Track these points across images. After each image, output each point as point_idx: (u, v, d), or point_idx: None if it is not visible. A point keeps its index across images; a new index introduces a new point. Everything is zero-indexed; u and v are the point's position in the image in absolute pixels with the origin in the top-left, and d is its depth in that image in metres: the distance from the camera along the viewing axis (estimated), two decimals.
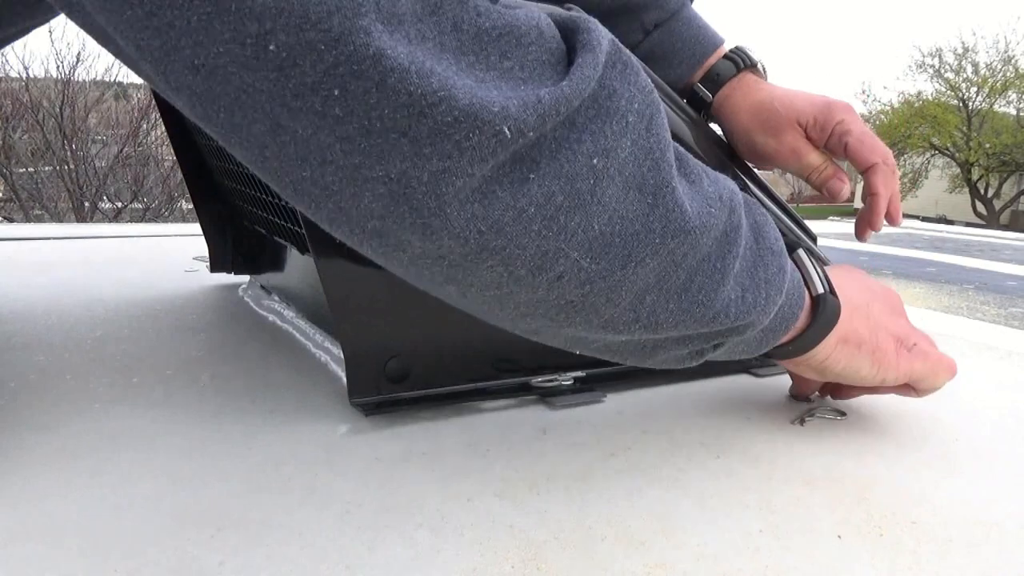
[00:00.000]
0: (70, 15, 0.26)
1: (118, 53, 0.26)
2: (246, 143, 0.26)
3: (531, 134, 0.27)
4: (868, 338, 0.47)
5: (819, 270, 0.45)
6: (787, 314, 0.42)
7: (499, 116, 0.26)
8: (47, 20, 0.45)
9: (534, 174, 0.28)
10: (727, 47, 0.66)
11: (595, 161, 0.29)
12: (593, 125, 0.29)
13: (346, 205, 0.27)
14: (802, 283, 0.44)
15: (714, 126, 0.66)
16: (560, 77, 0.28)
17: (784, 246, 0.41)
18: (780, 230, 0.43)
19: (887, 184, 0.60)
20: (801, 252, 0.45)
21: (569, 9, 0.51)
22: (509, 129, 0.26)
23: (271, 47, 0.23)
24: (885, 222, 0.62)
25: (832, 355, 0.46)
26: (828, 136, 0.60)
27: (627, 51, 0.31)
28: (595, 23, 0.31)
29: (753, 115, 0.62)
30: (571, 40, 0.30)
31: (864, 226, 0.62)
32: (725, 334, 0.39)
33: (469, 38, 0.26)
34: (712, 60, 0.64)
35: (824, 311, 0.44)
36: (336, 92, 0.24)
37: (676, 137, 0.54)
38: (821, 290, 0.44)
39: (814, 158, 0.62)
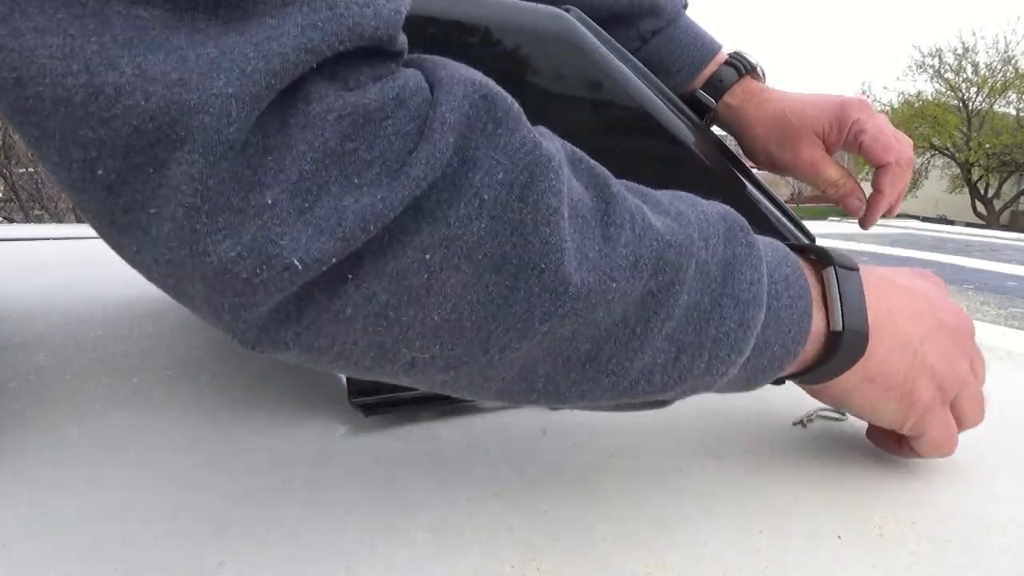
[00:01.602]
0: None
1: None
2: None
3: (333, 259, 0.25)
4: (901, 383, 0.41)
5: (844, 297, 0.38)
6: (778, 353, 0.37)
7: (288, 248, 0.24)
8: None
9: (352, 274, 0.26)
10: (726, 51, 0.66)
11: (428, 256, 0.26)
12: (437, 211, 0.26)
13: (187, 306, 0.27)
14: (809, 314, 0.37)
15: (717, 130, 0.67)
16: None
17: (763, 292, 0.35)
18: (813, 243, 0.38)
19: (894, 184, 0.60)
20: (830, 272, 0.38)
21: (568, 11, 0.51)
22: (300, 261, 0.24)
23: (99, 172, 0.23)
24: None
25: (854, 391, 0.41)
26: (844, 137, 0.60)
27: (503, 105, 0.28)
28: (456, 80, 0.27)
29: (768, 128, 0.63)
30: (433, 99, 0.27)
31: (856, 209, 0.63)
32: (656, 398, 0.35)
33: (296, 131, 0.24)
34: (711, 67, 0.64)
35: (841, 349, 0.38)
36: (152, 211, 0.24)
37: (677, 141, 0.55)
38: (839, 327, 0.38)
39: (832, 172, 0.62)
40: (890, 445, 0.46)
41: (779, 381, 0.41)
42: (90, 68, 0.22)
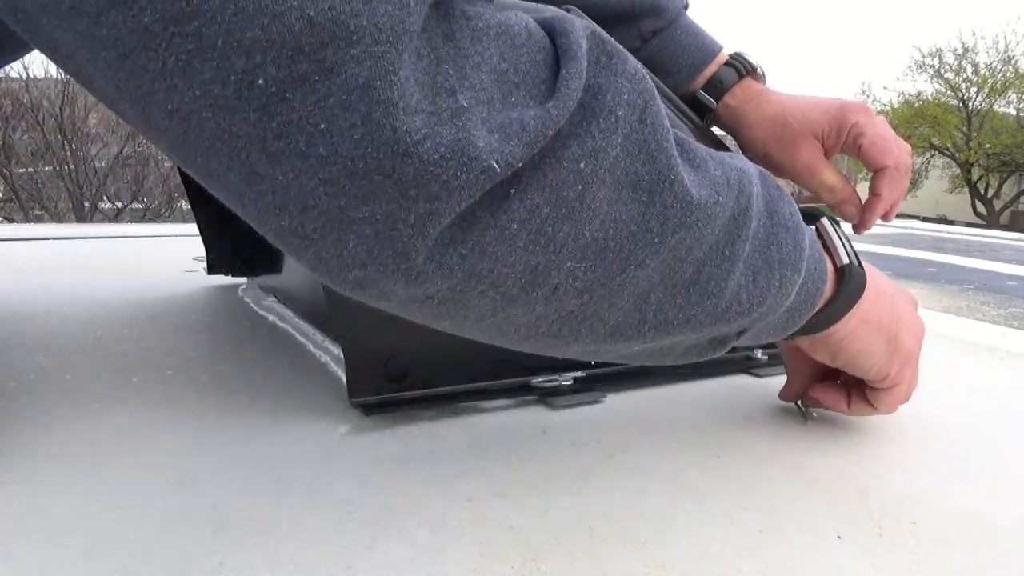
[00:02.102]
0: (52, 57, 0.25)
1: (98, 94, 0.25)
2: (224, 190, 0.25)
3: (519, 164, 0.25)
4: (888, 325, 0.45)
5: (843, 239, 0.43)
6: (811, 290, 0.40)
7: (485, 151, 0.24)
8: (19, 57, 0.43)
9: (515, 188, 0.26)
10: (726, 52, 0.66)
11: (582, 165, 0.27)
12: (579, 128, 0.27)
13: (327, 254, 0.26)
14: (823, 255, 0.41)
15: (717, 130, 0.67)
16: (552, 78, 0.27)
17: (800, 219, 0.39)
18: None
19: (892, 188, 0.60)
20: (825, 221, 0.43)
21: (568, 10, 0.51)
22: (497, 163, 0.25)
23: (259, 82, 0.22)
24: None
25: (851, 334, 0.44)
26: (843, 140, 0.60)
27: (609, 40, 0.30)
28: (570, 19, 0.29)
29: (767, 129, 0.63)
30: (554, 41, 0.29)
31: (852, 216, 0.62)
32: (742, 323, 0.37)
33: (466, 43, 0.25)
34: (712, 67, 0.64)
35: (850, 283, 0.42)
36: (323, 126, 0.23)
37: None
38: (846, 260, 0.42)
39: (829, 177, 0.62)
40: (835, 399, 0.50)
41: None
42: None
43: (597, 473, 0.43)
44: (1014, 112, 16.59)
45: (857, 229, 0.65)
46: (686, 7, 0.66)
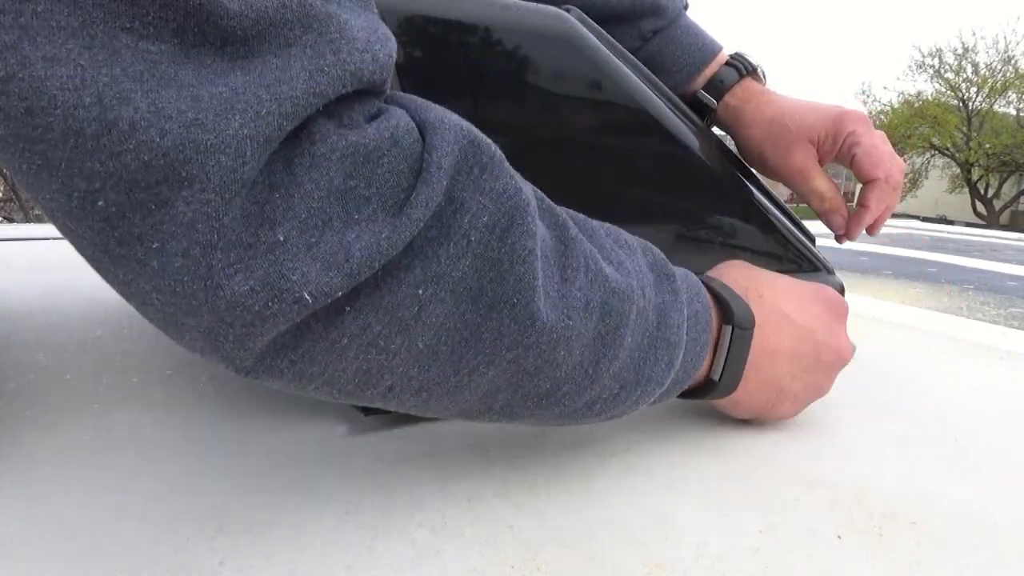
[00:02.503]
0: None
1: None
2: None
3: (339, 293, 0.26)
4: (760, 408, 0.49)
5: (734, 357, 0.44)
6: (681, 381, 0.42)
7: (298, 283, 0.25)
8: None
9: (349, 306, 0.27)
10: (726, 52, 0.66)
11: (420, 291, 0.28)
12: (428, 249, 0.28)
13: (172, 338, 0.27)
14: (704, 353, 0.42)
15: (717, 131, 0.67)
16: (411, 188, 0.27)
17: (684, 330, 0.40)
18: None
19: (880, 201, 0.60)
20: (728, 331, 0.43)
21: (568, 11, 0.51)
22: (310, 295, 0.25)
23: (100, 203, 0.23)
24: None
25: (718, 405, 0.49)
26: (839, 148, 0.60)
27: (487, 151, 0.30)
28: (447, 125, 0.29)
29: (764, 131, 0.62)
30: (425, 141, 0.28)
31: (838, 226, 0.63)
32: (592, 421, 0.39)
33: (302, 171, 0.25)
34: (712, 67, 0.64)
35: (713, 392, 0.45)
36: (156, 246, 0.24)
37: (677, 141, 0.55)
38: (716, 377, 0.44)
39: (820, 184, 0.62)
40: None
41: None
42: (103, 101, 0.22)
43: (597, 473, 0.43)
44: (1014, 112, 16.59)
45: (840, 239, 0.65)
46: (686, 7, 0.66)
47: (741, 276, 0.48)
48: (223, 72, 0.23)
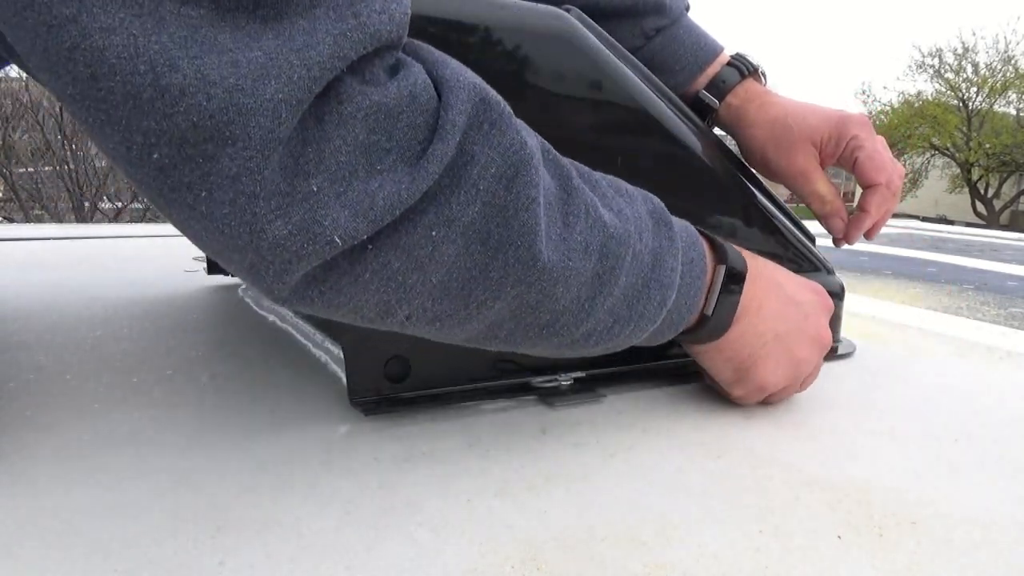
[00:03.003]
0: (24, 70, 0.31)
1: None
2: None
3: (364, 236, 0.30)
4: (743, 359, 0.51)
5: (726, 295, 0.48)
6: (665, 330, 0.46)
7: (330, 228, 0.29)
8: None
9: (372, 245, 0.31)
10: (728, 52, 0.66)
11: (434, 232, 0.32)
12: (441, 197, 0.31)
13: (224, 265, 0.31)
14: (699, 296, 0.47)
15: (718, 131, 0.66)
16: (428, 141, 0.31)
17: (678, 273, 0.44)
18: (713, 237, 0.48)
19: (880, 206, 0.61)
20: (721, 271, 0.47)
21: (568, 11, 0.51)
22: (340, 238, 0.29)
23: (155, 156, 0.26)
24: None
25: (702, 355, 0.52)
26: (841, 151, 0.60)
27: (498, 107, 0.33)
28: (462, 84, 0.32)
29: (767, 131, 0.63)
30: (440, 98, 0.32)
31: (837, 230, 0.63)
32: (591, 351, 0.43)
33: (331, 127, 0.28)
34: (714, 67, 0.64)
35: (705, 328, 0.48)
36: (204, 194, 0.27)
37: (677, 141, 0.55)
38: (709, 312, 0.48)
39: (821, 187, 0.62)
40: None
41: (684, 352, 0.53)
42: (155, 69, 0.25)
43: (597, 473, 0.43)
44: (1014, 112, 16.59)
45: (838, 243, 0.65)
46: (687, 8, 0.66)
47: (741, 248, 0.51)
48: (256, 35, 0.26)
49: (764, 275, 0.51)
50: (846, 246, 0.66)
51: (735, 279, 0.48)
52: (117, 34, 0.24)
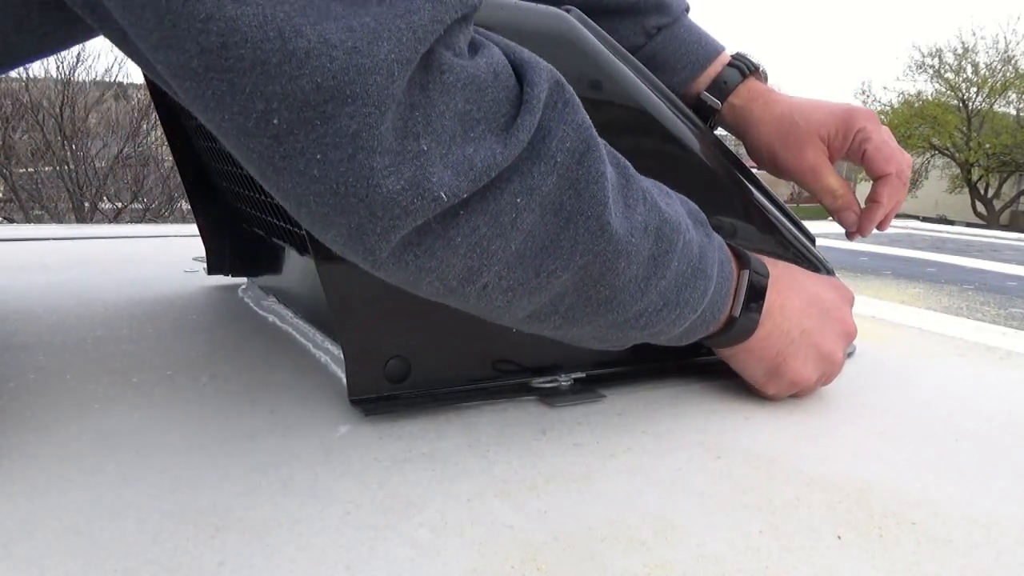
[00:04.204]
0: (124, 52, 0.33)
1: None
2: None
3: (465, 195, 0.32)
4: (772, 357, 0.53)
5: (751, 296, 0.50)
6: (700, 325, 0.48)
7: (437, 185, 0.31)
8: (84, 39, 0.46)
9: (464, 211, 0.33)
10: (728, 52, 0.66)
11: (518, 200, 0.34)
12: (524, 167, 0.34)
13: (316, 235, 0.33)
14: (725, 301, 0.49)
15: (721, 132, 0.66)
16: (512, 111, 0.34)
17: (717, 271, 0.47)
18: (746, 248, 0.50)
19: (891, 196, 0.61)
20: (746, 275, 0.50)
21: (568, 11, 0.51)
22: (445, 194, 0.31)
23: (274, 120, 0.28)
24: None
25: (733, 357, 0.54)
26: (849, 144, 0.60)
27: (569, 90, 0.36)
28: (540, 69, 0.35)
29: (774, 128, 0.63)
30: (520, 82, 0.35)
31: (850, 223, 0.63)
32: (637, 335, 0.45)
33: (436, 95, 0.31)
34: (716, 67, 0.64)
35: (733, 328, 0.50)
36: (318, 156, 0.29)
37: (677, 141, 0.54)
38: (736, 313, 0.50)
39: (832, 181, 0.62)
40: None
41: (690, 353, 0.55)
42: (283, 35, 0.27)
43: (597, 473, 0.43)
44: (1014, 112, 16.59)
45: (852, 236, 0.64)
46: (687, 9, 0.66)
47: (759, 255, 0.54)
48: (363, 3, 0.28)
49: (785, 276, 0.53)
50: (847, 243, 0.66)
51: (758, 283, 0.50)
52: (247, 4, 0.26)
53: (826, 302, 0.54)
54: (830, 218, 0.65)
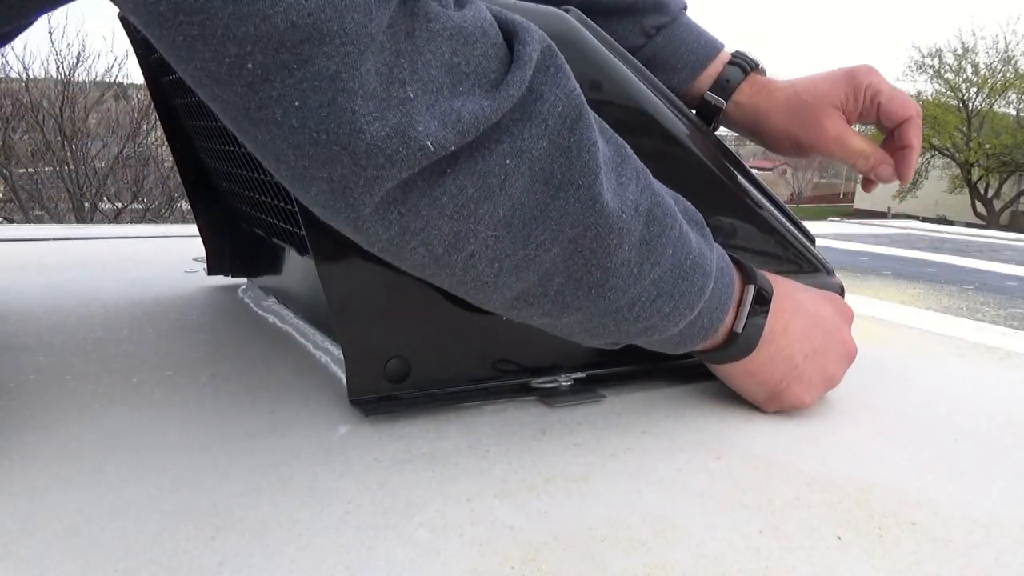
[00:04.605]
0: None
1: None
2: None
3: (452, 147, 0.31)
4: (775, 383, 0.51)
5: (755, 313, 0.48)
6: (700, 330, 0.46)
7: (423, 134, 0.30)
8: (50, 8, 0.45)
9: (451, 169, 0.32)
10: (727, 50, 0.66)
11: (507, 161, 0.33)
12: (514, 128, 0.33)
13: (297, 193, 0.32)
14: (726, 310, 0.47)
15: (722, 132, 0.66)
16: (502, 70, 0.33)
17: (721, 275, 0.45)
18: (766, 274, 0.49)
19: (919, 136, 0.61)
20: (751, 290, 0.48)
21: (567, 11, 0.51)
22: (432, 144, 0.30)
23: (248, 65, 0.27)
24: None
25: (735, 378, 0.52)
26: (862, 103, 0.60)
27: (560, 56, 0.35)
28: (533, 30, 0.34)
29: (786, 113, 0.63)
30: (510, 42, 0.34)
31: (889, 176, 0.62)
32: (629, 329, 0.43)
33: (423, 42, 0.30)
34: (716, 65, 0.64)
35: (733, 346, 0.49)
36: (296, 103, 0.28)
37: (676, 141, 0.54)
38: (739, 329, 0.48)
39: (859, 143, 0.62)
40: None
41: (689, 356, 0.52)
42: None
43: (597, 473, 0.43)
44: (1014, 112, 16.59)
45: (903, 182, 0.63)
46: (685, 7, 0.66)
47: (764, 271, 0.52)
48: None
49: (787, 296, 0.51)
50: (847, 243, 0.66)
51: (762, 299, 0.49)
52: None
53: (827, 322, 0.53)
54: (830, 218, 0.66)
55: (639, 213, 0.39)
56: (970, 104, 16.74)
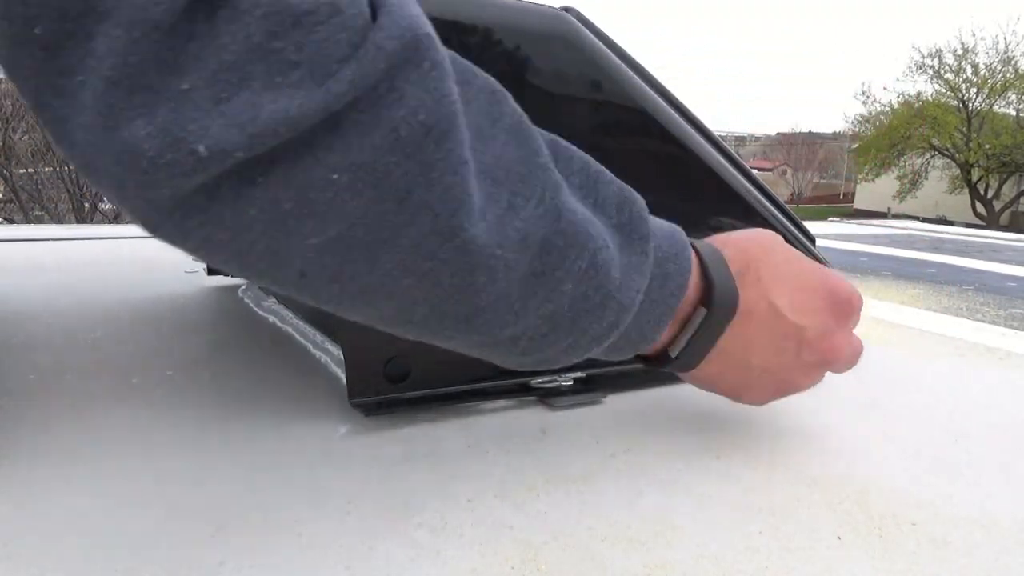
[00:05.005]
0: None
1: None
2: None
3: (239, 154, 0.25)
4: (729, 389, 0.46)
5: (702, 335, 0.42)
6: (621, 350, 0.40)
7: (194, 134, 0.25)
8: None
9: (263, 178, 0.26)
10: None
11: (335, 176, 0.27)
12: (352, 134, 0.27)
13: (95, 185, 0.28)
14: (663, 324, 0.40)
15: (722, 132, 0.66)
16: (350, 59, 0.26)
17: (637, 300, 0.37)
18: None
19: None
20: (701, 313, 0.41)
21: (568, 10, 0.51)
22: (206, 148, 0.25)
23: (36, 30, 0.24)
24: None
25: (693, 377, 0.46)
26: None
27: (442, 52, 0.28)
28: (404, 11, 0.27)
29: None
30: (376, 20, 0.27)
31: None
32: (521, 361, 0.37)
33: (222, 23, 0.25)
34: None
35: (668, 364, 0.43)
36: (80, 79, 0.24)
37: (677, 141, 0.55)
38: (673, 354, 0.42)
39: None
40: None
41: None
42: None
43: (597, 474, 0.43)
44: (1014, 112, 16.60)
45: None
46: None
47: (748, 254, 0.44)
48: None
49: (760, 302, 0.43)
50: (848, 243, 0.64)
51: (716, 324, 0.42)
52: None
53: (807, 331, 0.44)
54: (830, 218, 0.65)
55: (527, 244, 0.32)
56: (970, 104, 16.75)
